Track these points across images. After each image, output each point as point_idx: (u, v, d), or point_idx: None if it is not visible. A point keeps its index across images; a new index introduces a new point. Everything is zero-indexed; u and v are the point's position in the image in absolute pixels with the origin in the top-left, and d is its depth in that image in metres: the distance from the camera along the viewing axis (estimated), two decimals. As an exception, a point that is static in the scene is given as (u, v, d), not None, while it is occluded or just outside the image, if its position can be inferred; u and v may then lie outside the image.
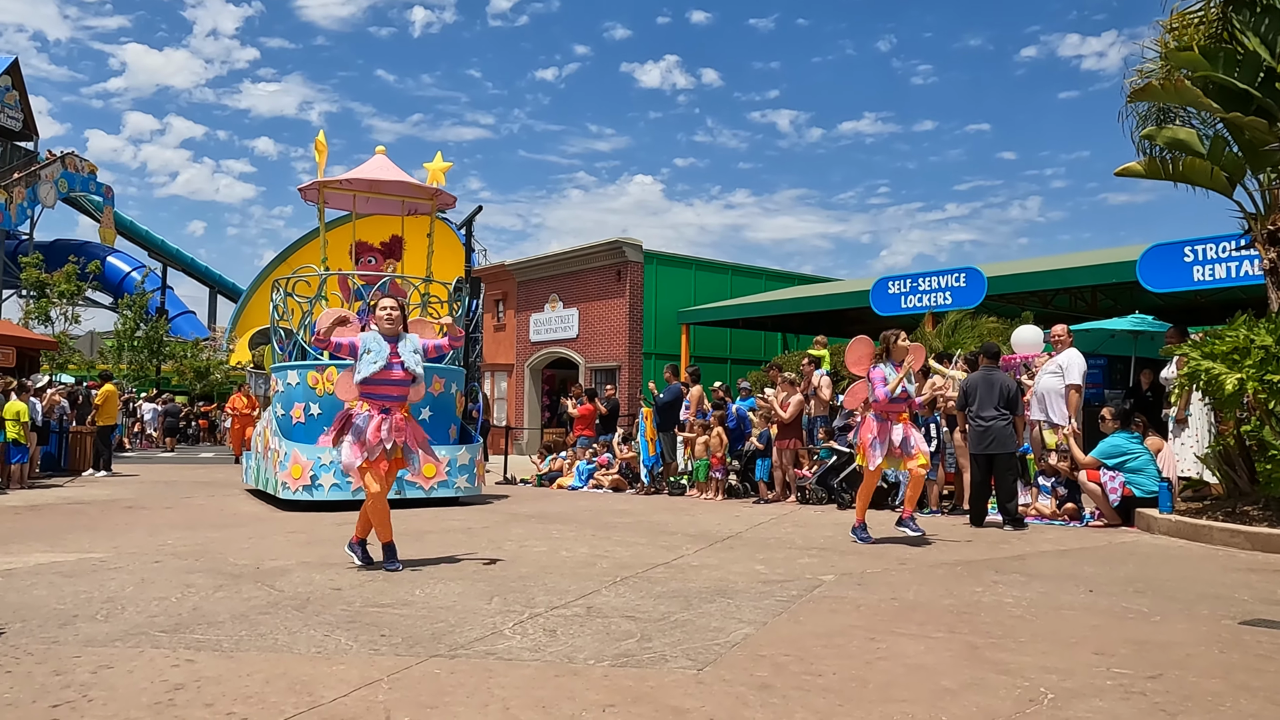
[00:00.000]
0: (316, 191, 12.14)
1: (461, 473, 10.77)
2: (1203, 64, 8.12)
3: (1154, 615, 4.56)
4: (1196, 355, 7.70)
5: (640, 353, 22.13)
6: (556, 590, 5.11)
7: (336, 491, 9.84)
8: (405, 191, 12.50)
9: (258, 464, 11.48)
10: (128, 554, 6.41)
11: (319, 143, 12.10)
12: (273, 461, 10.45)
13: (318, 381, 10.63)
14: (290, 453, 10.04)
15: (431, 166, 12.46)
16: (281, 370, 11.28)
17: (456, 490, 10.69)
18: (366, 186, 12.34)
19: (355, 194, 12.53)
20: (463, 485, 10.79)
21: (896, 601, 4.89)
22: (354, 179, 12.04)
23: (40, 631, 4.05)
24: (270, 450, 10.71)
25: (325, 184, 12.02)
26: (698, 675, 3.42)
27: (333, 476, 9.84)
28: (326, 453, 9.76)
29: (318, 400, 10.57)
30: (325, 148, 12.06)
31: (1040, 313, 15.38)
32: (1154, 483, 8.37)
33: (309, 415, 10.62)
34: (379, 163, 12.08)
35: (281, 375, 11.20)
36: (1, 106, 39.89)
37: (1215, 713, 3.03)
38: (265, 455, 10.99)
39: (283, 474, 10.02)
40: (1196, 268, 12.23)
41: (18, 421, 12.84)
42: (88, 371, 28.20)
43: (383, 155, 12.23)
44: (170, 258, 49.63)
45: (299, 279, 12.11)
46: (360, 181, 12.13)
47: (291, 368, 11.09)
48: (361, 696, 3.13)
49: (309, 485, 9.89)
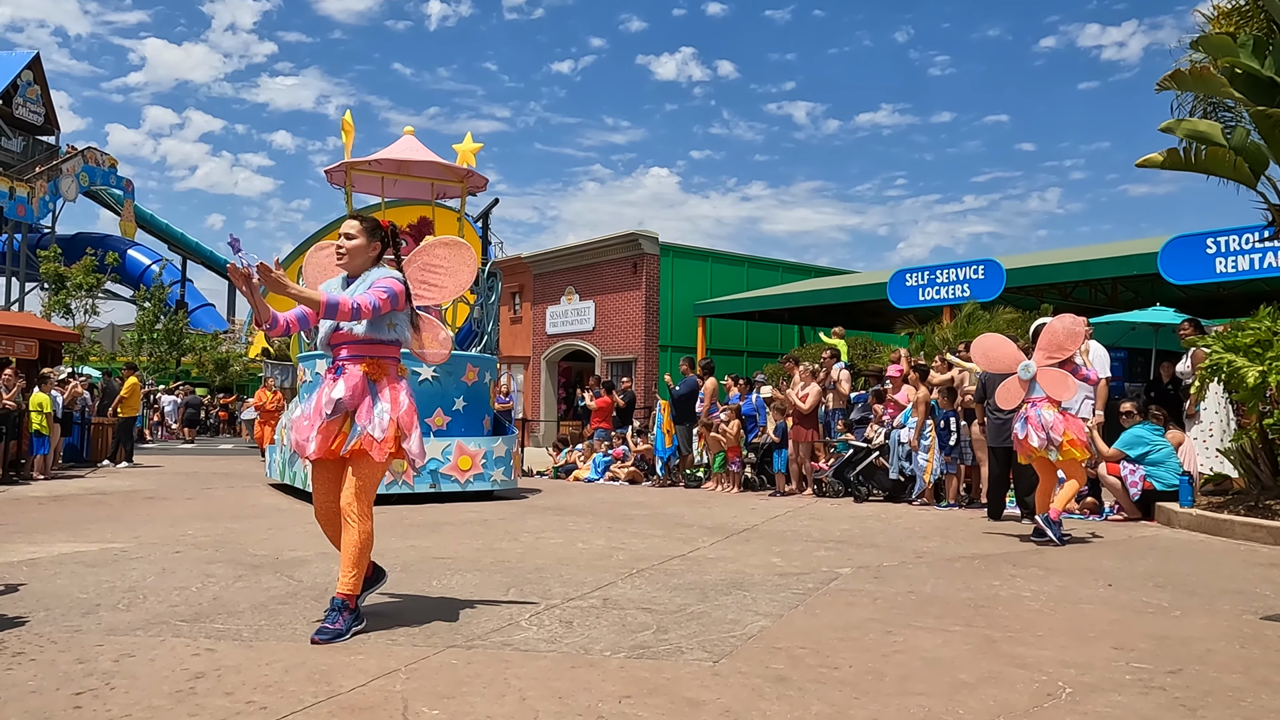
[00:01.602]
0: (343, 174, 11.69)
1: (498, 465, 10.46)
2: (1231, 48, 8.00)
3: (1174, 610, 4.52)
4: (1218, 348, 7.62)
5: (656, 345, 22.12)
6: (573, 582, 5.12)
7: None
8: (435, 173, 12.09)
9: (283, 457, 11.17)
10: (149, 544, 6.47)
11: (346, 123, 11.64)
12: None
13: None
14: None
15: (461, 148, 12.09)
16: (309, 359, 10.92)
17: (493, 484, 10.37)
18: (394, 168, 11.94)
19: (383, 176, 12.11)
20: (499, 479, 10.46)
21: (913, 595, 4.87)
22: (382, 159, 11.61)
23: (63, 620, 4.10)
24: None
25: (352, 165, 11.59)
26: (714, 667, 3.42)
27: None
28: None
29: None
30: (352, 128, 11.64)
31: (1059, 305, 15.27)
32: (1174, 476, 8.30)
33: None
34: (407, 143, 11.71)
35: (309, 365, 10.84)
36: (24, 101, 40.25)
37: (1236, 708, 3.01)
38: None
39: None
40: (1219, 259, 12.10)
41: (41, 412, 12.99)
42: (109, 363, 28.47)
43: (411, 136, 11.83)
44: (190, 251, 49.95)
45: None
46: (388, 162, 11.72)
47: (320, 356, 10.44)
48: (379, 686, 3.15)
49: None
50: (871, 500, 10.35)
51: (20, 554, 5.98)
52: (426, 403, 9.96)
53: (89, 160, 41.66)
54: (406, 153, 11.54)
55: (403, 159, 11.59)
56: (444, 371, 10.21)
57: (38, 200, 38.51)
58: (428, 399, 10.02)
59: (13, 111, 39.45)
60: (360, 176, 11.98)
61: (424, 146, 11.75)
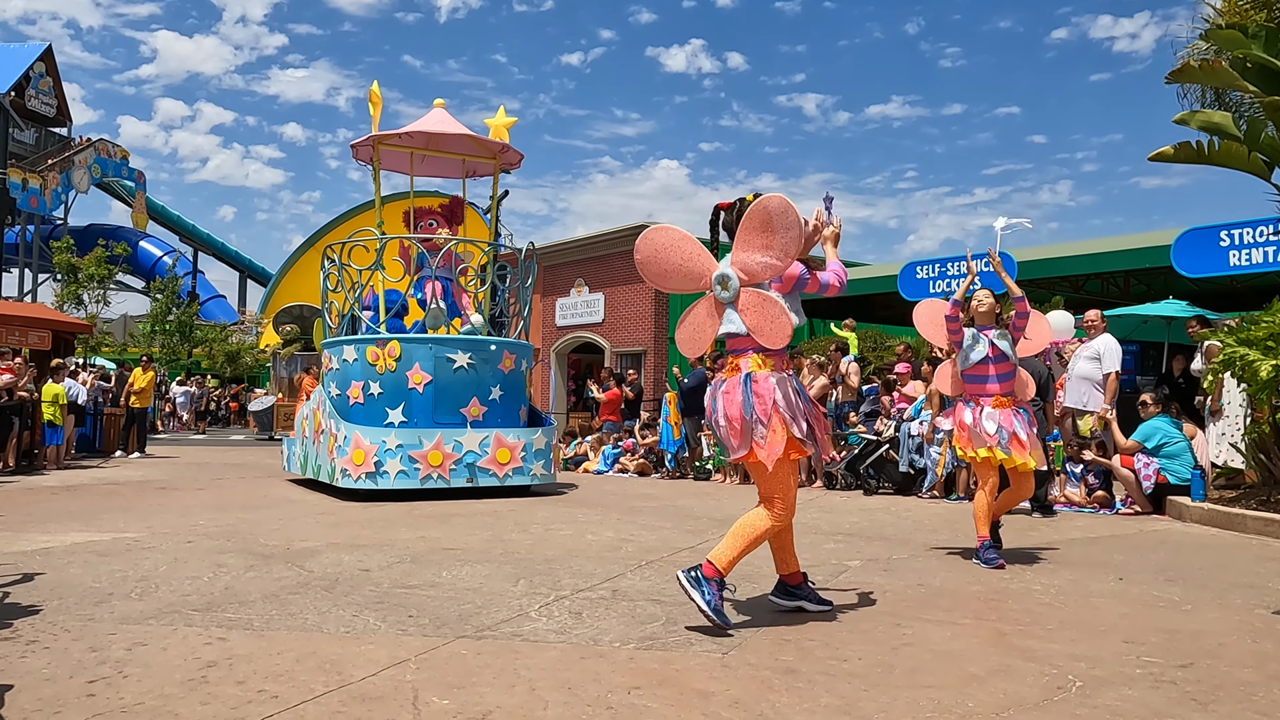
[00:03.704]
0: (370, 149, 10.95)
1: (538, 458, 9.85)
2: (1243, 41, 7.94)
3: (1185, 604, 4.50)
4: (1232, 341, 7.57)
5: (666, 337, 22.07)
6: (582, 573, 5.13)
7: (404, 479, 9.05)
8: (467, 148, 11.38)
9: (305, 450, 10.57)
10: (161, 534, 6.51)
11: (373, 93, 10.94)
12: (328, 446, 9.59)
13: (379, 357, 9.62)
14: (351, 436, 9.16)
15: (494, 122, 11.44)
16: (335, 346, 10.22)
17: (532, 478, 9.80)
18: (425, 141, 11.21)
19: (412, 152, 11.33)
20: (539, 473, 9.86)
21: (923, 588, 4.86)
22: (412, 132, 10.87)
23: (76, 609, 4.13)
24: (323, 434, 9.82)
25: (381, 139, 10.83)
26: (723, 659, 3.43)
27: (399, 462, 9.05)
28: (392, 435, 9.13)
29: (378, 379, 9.61)
30: (380, 100, 10.95)
31: (1071, 298, 15.19)
32: (1189, 470, 8.26)
33: (368, 395, 9.63)
34: (438, 116, 10.99)
35: (336, 351, 10.16)
36: (36, 93, 40.42)
37: (1247, 702, 2.99)
38: (317, 440, 10.06)
39: (342, 460, 9.16)
40: (1233, 252, 12.01)
41: (54, 403, 13.07)
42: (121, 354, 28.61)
43: (442, 109, 11.14)
44: (201, 242, 50.13)
45: (356, 244, 10.78)
46: (419, 136, 10.97)
47: (347, 343, 10.02)
48: (390, 676, 3.17)
49: (373, 472, 9.02)
50: (881, 493, 10.34)
51: (34, 543, 6.02)
52: (461, 391, 9.68)
53: (101, 152, 41.84)
54: (438, 126, 10.81)
55: (434, 132, 10.86)
56: (480, 359, 9.84)
57: (50, 192, 38.69)
58: (462, 387, 9.69)
59: (25, 103, 39.59)
60: (387, 154, 11.29)
61: (455, 120, 11.07)
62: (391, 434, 9.16)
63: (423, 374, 9.58)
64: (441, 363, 9.64)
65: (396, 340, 9.65)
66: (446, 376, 9.64)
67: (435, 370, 9.60)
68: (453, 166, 12.03)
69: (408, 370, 9.57)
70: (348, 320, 10.52)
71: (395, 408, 9.51)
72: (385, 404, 9.54)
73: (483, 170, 11.95)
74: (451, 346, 9.75)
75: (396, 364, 9.58)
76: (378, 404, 9.58)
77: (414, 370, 9.57)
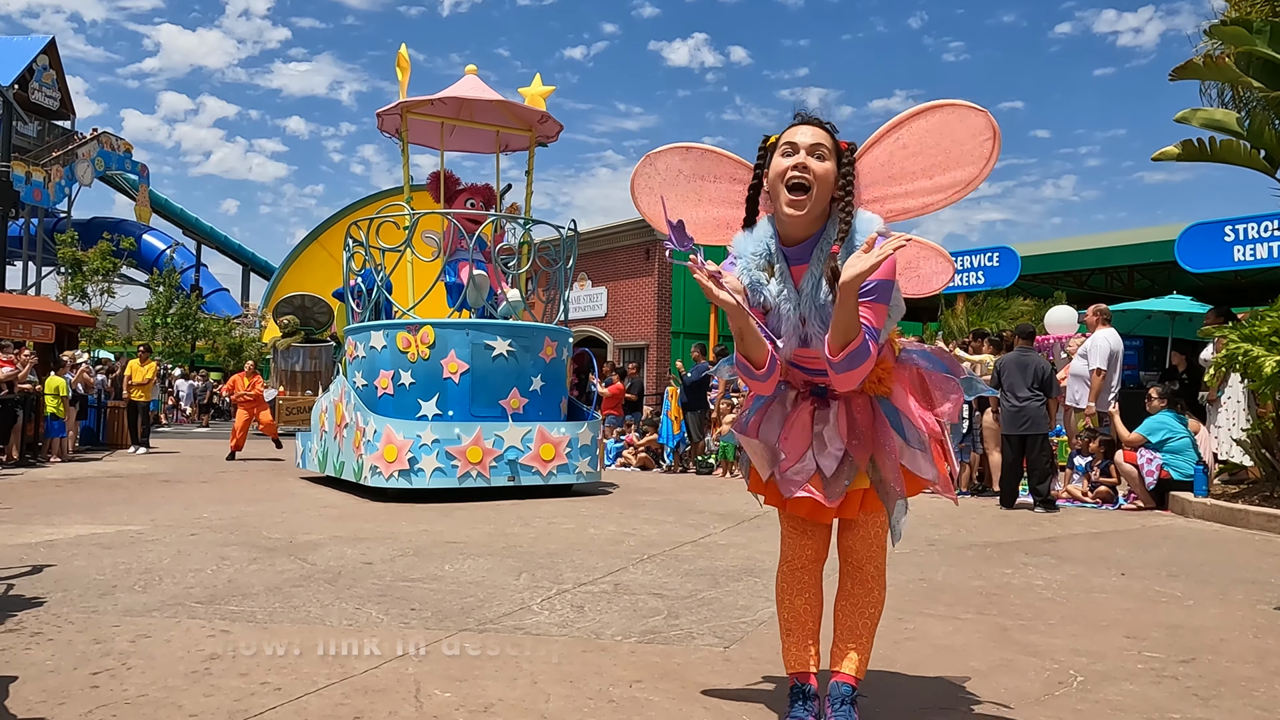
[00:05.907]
0: (397, 118, 10.01)
1: (583, 455, 9.14)
2: (1246, 37, 7.92)
3: (1187, 599, 4.51)
4: (1235, 337, 7.56)
5: (669, 331, 22.10)
6: (584, 567, 5.14)
7: (440, 478, 8.39)
8: (502, 119, 10.46)
9: (323, 446, 9.85)
10: (165, 526, 6.52)
11: (401, 57, 10.03)
12: (353, 441, 8.85)
13: (410, 344, 8.88)
14: (382, 430, 8.45)
15: (529, 91, 10.51)
16: (361, 332, 9.44)
17: (577, 476, 9.11)
18: (456, 109, 10.25)
19: (442, 122, 10.40)
20: (584, 470, 9.16)
21: (925, 583, 4.87)
22: (445, 98, 9.92)
23: (80, 601, 4.14)
24: (347, 428, 9.08)
25: (409, 106, 9.88)
26: (725, 653, 3.43)
27: (435, 459, 8.38)
28: (428, 429, 8.46)
29: (410, 367, 8.89)
30: (408, 64, 10.01)
31: (1075, 293, 15.17)
32: (1192, 465, 8.26)
33: (399, 385, 8.93)
34: (470, 83, 10.05)
35: (362, 338, 9.39)
36: (39, 86, 40.38)
37: (1249, 698, 2.99)
38: (339, 435, 9.32)
39: (371, 457, 8.45)
40: (1237, 247, 11.99)
41: (57, 396, 13.10)
42: (124, 347, 28.66)
43: (474, 75, 10.21)
44: (204, 236, 50.12)
45: (385, 219, 10.04)
46: (450, 102, 10.03)
47: (374, 328, 9.23)
48: (392, 668, 3.18)
49: (406, 470, 8.34)
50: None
51: (38, 535, 6.04)
52: (501, 381, 8.99)
53: (104, 145, 41.81)
54: (471, 92, 9.85)
55: (466, 98, 9.92)
56: (520, 346, 9.09)
57: (54, 185, 38.68)
58: (502, 377, 8.99)
59: (29, 96, 39.57)
60: (415, 126, 10.33)
61: (489, 87, 10.12)
62: (427, 428, 8.45)
63: (459, 362, 8.81)
64: (479, 350, 8.87)
65: (430, 325, 8.90)
66: (485, 365, 8.89)
67: (472, 358, 8.84)
68: (485, 140, 11.15)
69: (442, 358, 8.82)
70: (369, 305, 9.74)
71: (429, 399, 8.81)
72: (418, 395, 8.84)
73: (515, 144, 11.13)
74: (490, 332, 8.97)
75: (430, 351, 8.83)
76: (409, 395, 8.87)
77: (449, 358, 8.81)
